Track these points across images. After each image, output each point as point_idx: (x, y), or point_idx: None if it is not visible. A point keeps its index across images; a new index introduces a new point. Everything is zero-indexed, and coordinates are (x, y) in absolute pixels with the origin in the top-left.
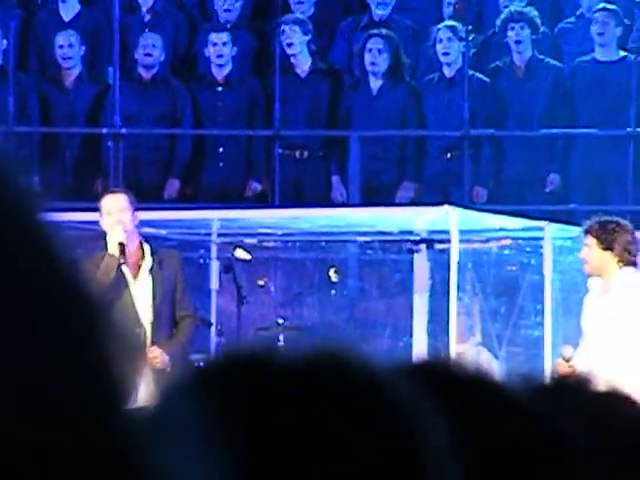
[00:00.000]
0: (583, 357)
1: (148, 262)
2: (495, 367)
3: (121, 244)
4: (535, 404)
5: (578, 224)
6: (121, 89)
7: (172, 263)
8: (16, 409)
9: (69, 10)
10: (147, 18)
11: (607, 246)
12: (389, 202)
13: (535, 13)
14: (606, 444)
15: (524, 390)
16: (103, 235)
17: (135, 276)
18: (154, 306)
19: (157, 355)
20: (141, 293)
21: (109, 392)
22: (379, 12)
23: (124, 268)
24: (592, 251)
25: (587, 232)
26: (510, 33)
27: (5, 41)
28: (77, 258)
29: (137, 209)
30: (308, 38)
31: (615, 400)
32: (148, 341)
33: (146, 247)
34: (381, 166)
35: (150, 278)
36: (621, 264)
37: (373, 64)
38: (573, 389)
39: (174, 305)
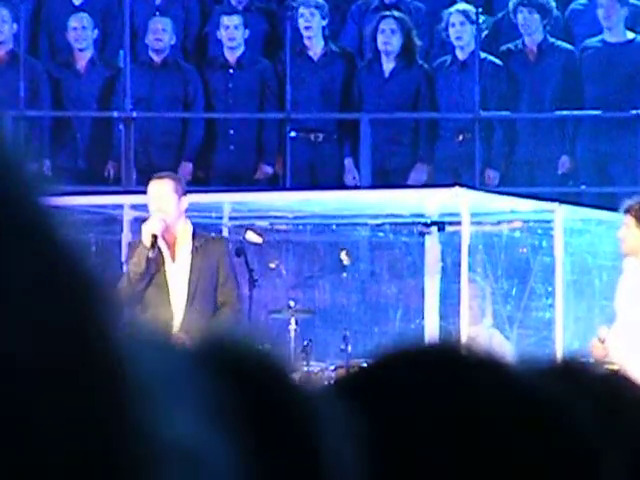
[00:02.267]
0: (617, 337)
1: (188, 246)
2: (508, 349)
3: (154, 236)
4: (542, 386)
5: (589, 206)
6: (132, 73)
7: (215, 249)
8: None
9: None
10: (157, 1)
11: None
12: (400, 184)
13: None
14: (611, 426)
15: (531, 372)
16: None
17: (174, 259)
18: (189, 290)
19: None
20: (178, 276)
21: (107, 373)
22: None
23: (163, 251)
24: (630, 231)
25: (627, 211)
26: (519, 16)
27: (16, 25)
28: (82, 242)
29: (186, 193)
30: (325, 23)
31: (620, 382)
32: (177, 323)
33: (189, 231)
34: (393, 148)
35: (189, 262)
36: None
37: (386, 44)
38: (578, 371)
39: (215, 291)
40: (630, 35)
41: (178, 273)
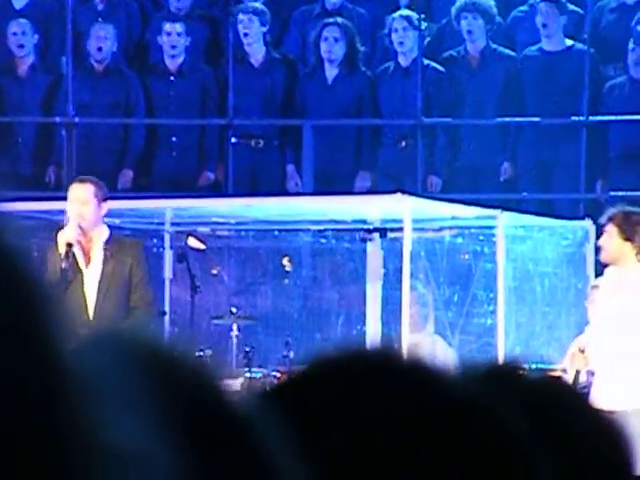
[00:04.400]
0: (595, 347)
1: (102, 252)
2: (450, 356)
3: (68, 244)
4: (475, 391)
5: (530, 213)
6: (74, 78)
7: (130, 252)
8: None
9: None
10: (100, 7)
11: (628, 237)
12: (342, 191)
13: (490, 3)
14: (545, 430)
15: (465, 378)
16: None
17: (88, 265)
18: (97, 296)
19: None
20: (93, 283)
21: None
22: (332, 0)
23: (78, 258)
24: (612, 239)
25: (610, 220)
26: (463, 22)
27: None
28: (26, 248)
29: (106, 198)
30: (265, 29)
31: (555, 386)
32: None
33: (105, 236)
34: (336, 155)
35: (101, 267)
36: (639, 257)
37: (329, 52)
38: (513, 376)
39: (128, 295)
40: (569, 42)
41: (92, 279)
